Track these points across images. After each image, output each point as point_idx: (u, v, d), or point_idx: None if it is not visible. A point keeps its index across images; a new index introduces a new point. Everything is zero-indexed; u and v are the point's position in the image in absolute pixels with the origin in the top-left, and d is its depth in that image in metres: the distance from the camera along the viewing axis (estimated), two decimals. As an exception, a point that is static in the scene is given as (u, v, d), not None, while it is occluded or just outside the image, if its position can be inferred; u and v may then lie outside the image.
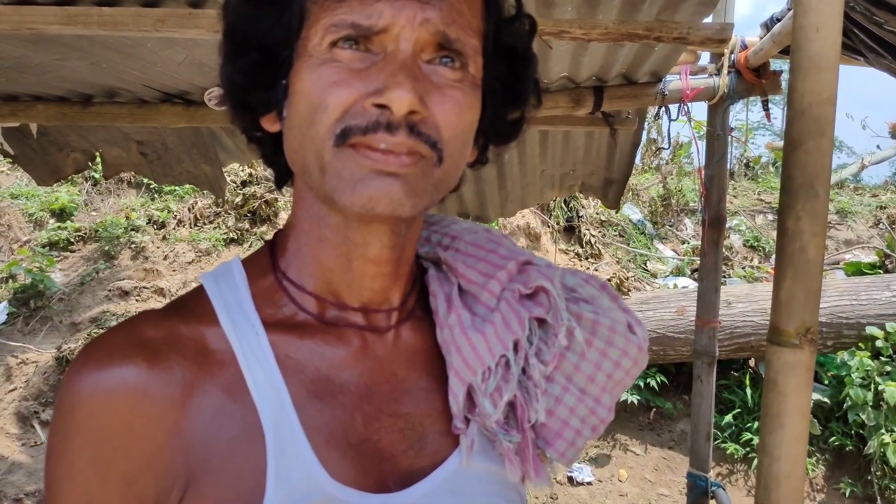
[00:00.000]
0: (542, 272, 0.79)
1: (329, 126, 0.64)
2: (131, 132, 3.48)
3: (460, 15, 0.66)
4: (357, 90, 0.63)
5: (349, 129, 0.63)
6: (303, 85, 0.66)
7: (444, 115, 0.65)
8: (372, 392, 0.74)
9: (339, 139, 0.64)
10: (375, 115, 0.63)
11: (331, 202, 0.67)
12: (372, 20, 0.63)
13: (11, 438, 5.41)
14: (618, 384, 0.79)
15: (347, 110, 0.63)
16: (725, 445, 5.37)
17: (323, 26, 0.64)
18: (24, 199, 7.78)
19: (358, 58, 0.64)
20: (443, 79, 0.66)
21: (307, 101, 0.65)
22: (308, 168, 0.67)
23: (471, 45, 0.67)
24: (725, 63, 2.65)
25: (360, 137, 0.63)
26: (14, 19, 1.67)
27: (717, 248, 2.91)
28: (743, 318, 5.34)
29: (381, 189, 0.63)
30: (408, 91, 0.61)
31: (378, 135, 0.63)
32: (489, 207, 3.97)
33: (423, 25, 0.64)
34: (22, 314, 6.56)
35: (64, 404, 0.65)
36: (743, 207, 8.26)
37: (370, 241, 0.71)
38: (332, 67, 0.64)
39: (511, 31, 0.74)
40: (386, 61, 0.64)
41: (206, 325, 0.70)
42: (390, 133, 0.63)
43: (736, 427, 5.50)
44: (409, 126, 0.63)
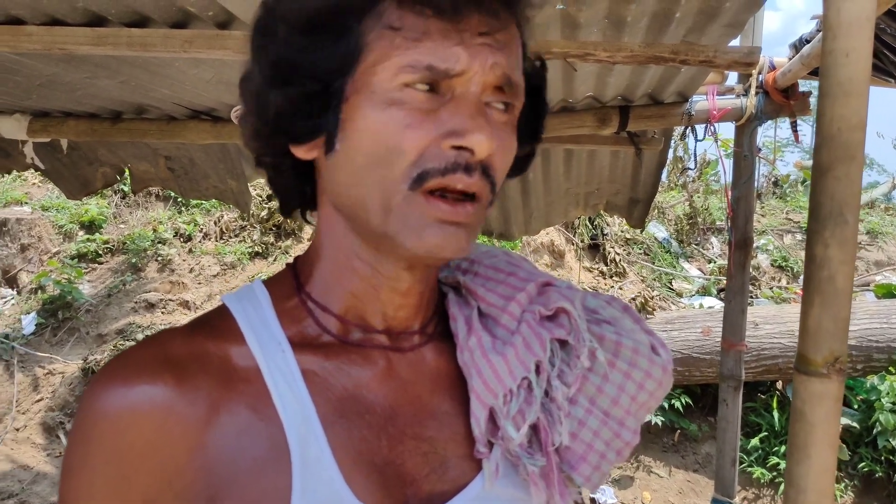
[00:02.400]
0: (563, 293, 0.78)
1: (404, 169, 0.64)
2: (159, 148, 3.53)
3: (517, 59, 0.68)
4: (431, 133, 0.64)
5: (427, 172, 0.64)
6: (367, 123, 0.65)
7: (498, 157, 0.67)
8: (396, 414, 0.73)
9: (416, 183, 0.64)
10: (453, 156, 0.64)
11: (387, 241, 0.67)
12: (449, 64, 0.63)
13: (37, 448, 5.46)
14: (642, 406, 0.78)
15: (423, 153, 0.64)
16: (752, 469, 5.28)
17: (395, 65, 0.63)
18: (55, 211, 7.90)
19: (427, 99, 0.64)
20: (497, 122, 0.67)
21: (376, 141, 0.64)
22: (365, 206, 0.66)
23: (520, 88, 0.69)
24: (753, 84, 2.63)
25: (438, 179, 0.64)
26: (46, 39, 1.70)
27: (744, 269, 2.88)
28: (770, 340, 5.26)
29: (447, 237, 0.65)
30: (489, 136, 0.63)
31: (457, 175, 0.64)
32: (513, 225, 3.96)
33: (492, 69, 0.64)
34: (50, 325, 6.65)
35: (85, 420, 0.64)
36: (771, 227, 8.16)
37: (403, 276, 0.72)
38: (404, 109, 0.63)
39: (538, 72, 0.76)
40: (457, 103, 0.64)
41: (231, 342, 0.70)
42: (468, 174, 0.64)
43: (763, 451, 5.41)
44: (483, 168, 0.65)
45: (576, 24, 1.78)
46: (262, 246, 7.51)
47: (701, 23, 1.79)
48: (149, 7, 1.67)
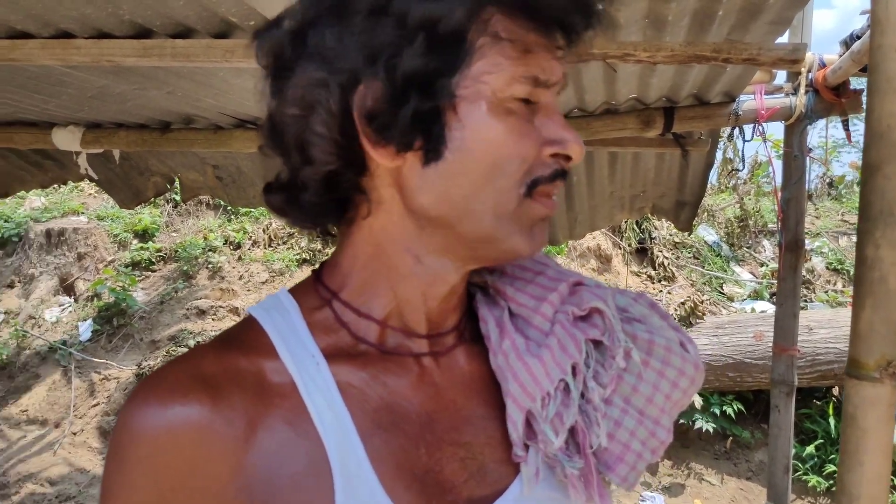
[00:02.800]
0: (595, 293, 0.77)
1: (520, 177, 0.67)
2: (207, 157, 3.59)
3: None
4: (536, 142, 0.67)
5: (538, 179, 0.67)
6: (486, 133, 0.65)
7: None
8: (433, 420, 0.73)
9: (529, 189, 0.67)
10: (555, 164, 0.68)
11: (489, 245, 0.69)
12: (548, 76, 0.66)
13: (93, 452, 5.61)
14: (676, 404, 0.78)
15: (533, 161, 0.67)
16: (807, 478, 5.14)
17: (508, 75, 0.64)
18: (110, 220, 8.12)
19: (526, 108, 0.67)
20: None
21: (492, 151, 0.65)
22: (473, 212, 0.67)
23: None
24: (802, 82, 2.57)
25: (547, 186, 0.68)
26: (94, 52, 1.75)
27: (796, 273, 2.81)
28: (825, 345, 5.12)
29: (544, 233, 0.71)
30: (581, 143, 0.69)
31: (557, 182, 0.69)
32: (557, 230, 3.94)
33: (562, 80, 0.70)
34: (105, 332, 6.82)
35: (122, 441, 0.63)
36: (825, 229, 7.96)
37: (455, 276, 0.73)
38: (516, 119, 0.66)
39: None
40: (546, 112, 0.68)
41: (264, 357, 0.69)
42: (563, 179, 0.70)
43: (818, 458, 5.27)
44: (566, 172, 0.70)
45: (615, 24, 1.76)
46: (310, 252, 7.60)
47: (744, 20, 1.75)
48: (192, 18, 1.70)
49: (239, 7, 1.64)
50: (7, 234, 7.79)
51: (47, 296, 7.30)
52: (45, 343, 6.67)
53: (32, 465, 5.36)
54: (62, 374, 6.38)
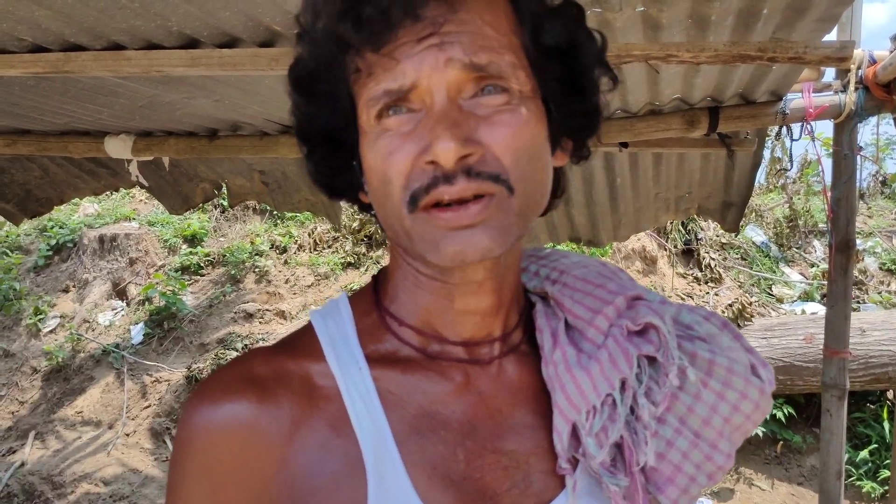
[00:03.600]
0: (653, 308, 0.75)
1: (399, 195, 0.64)
2: (254, 163, 3.65)
3: (485, 38, 0.64)
4: (411, 153, 0.64)
5: (415, 192, 0.63)
6: (367, 162, 0.67)
7: (498, 143, 0.64)
8: (475, 428, 0.73)
9: (411, 205, 0.64)
10: (431, 171, 0.63)
11: (422, 259, 0.69)
12: (399, 82, 0.63)
13: (145, 453, 5.73)
14: (737, 429, 0.75)
15: (408, 175, 0.64)
16: (861, 483, 5.02)
17: (364, 102, 0.65)
18: (160, 226, 8.30)
19: (404, 121, 0.64)
20: (489, 108, 0.64)
21: (375, 175, 0.66)
22: (396, 234, 0.68)
23: (506, 63, 0.65)
24: (852, 79, 2.52)
25: (426, 197, 0.63)
26: (144, 63, 1.80)
27: (846, 273, 2.75)
28: (879, 347, 4.99)
29: (464, 242, 0.63)
30: (448, 140, 0.61)
31: (439, 189, 0.62)
32: (601, 232, 3.91)
33: (448, 66, 0.62)
34: (156, 335, 6.97)
35: (181, 438, 0.69)
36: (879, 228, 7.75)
37: (469, 277, 0.72)
38: (386, 138, 0.65)
39: (550, 30, 0.69)
40: (427, 116, 0.63)
41: (312, 360, 0.72)
42: (450, 184, 0.62)
43: (872, 463, 5.14)
44: (465, 171, 0.62)
45: (658, 25, 1.75)
46: (354, 256, 7.67)
47: (790, 18, 1.72)
48: (238, 28, 1.74)
49: (283, 16, 1.67)
50: (62, 240, 8.01)
51: (101, 300, 7.49)
52: (98, 346, 6.84)
53: (87, 466, 5.50)
54: (115, 377, 6.54)
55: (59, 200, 4.14)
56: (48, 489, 5.22)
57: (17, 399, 6.50)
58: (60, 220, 8.28)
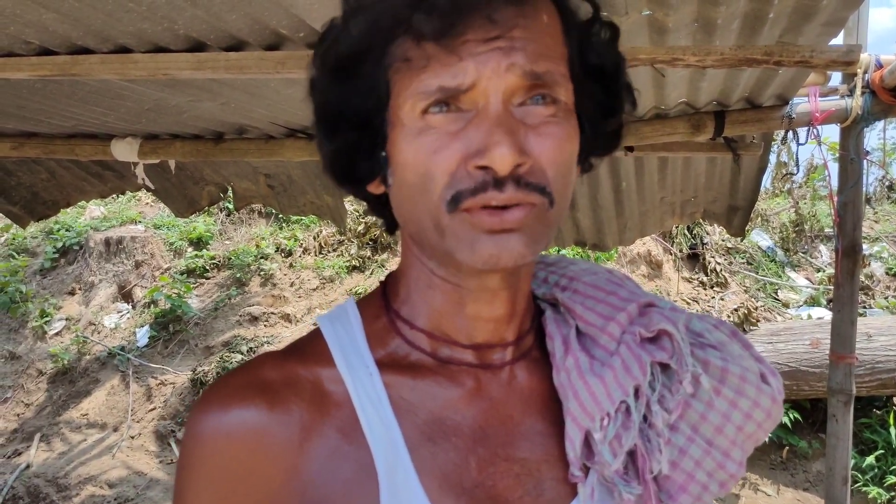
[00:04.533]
0: (665, 315, 0.75)
1: (439, 194, 0.63)
2: (259, 166, 3.66)
3: (545, 47, 0.64)
4: (458, 154, 0.63)
5: (459, 193, 0.62)
6: (404, 156, 0.65)
7: (546, 155, 0.64)
8: (486, 435, 0.73)
9: (452, 205, 0.63)
10: (481, 176, 0.62)
11: (450, 258, 0.67)
12: (458, 80, 0.61)
13: (150, 455, 5.74)
14: (749, 437, 0.75)
15: (453, 175, 0.63)
16: (867, 489, 4.99)
17: (412, 94, 0.63)
18: (166, 229, 8.31)
19: (451, 120, 0.63)
20: (538, 118, 0.64)
21: (412, 171, 0.65)
22: (424, 230, 0.67)
23: (559, 74, 0.65)
24: (858, 84, 2.51)
25: (471, 200, 0.62)
26: (151, 66, 1.80)
27: (853, 278, 2.74)
28: (885, 353, 4.97)
29: (500, 245, 0.63)
30: (508, 147, 0.60)
31: (488, 193, 0.62)
32: (607, 236, 3.90)
33: (509, 71, 0.62)
34: (162, 338, 6.98)
35: (188, 444, 0.68)
36: (885, 233, 7.72)
37: (485, 284, 0.71)
38: (430, 135, 0.63)
39: (595, 47, 0.71)
40: (479, 118, 0.62)
41: (322, 366, 0.72)
42: (499, 190, 0.62)
43: (879, 469, 5.11)
44: (515, 179, 0.62)
45: (664, 29, 1.75)
46: (360, 260, 7.67)
47: (797, 22, 1.72)
48: (244, 32, 1.74)
49: (290, 20, 1.67)
50: (69, 242, 8.03)
51: (106, 302, 7.50)
52: (104, 349, 6.86)
53: (92, 468, 5.51)
54: (121, 379, 6.55)
55: (65, 203, 4.15)
56: (53, 491, 5.22)
57: (23, 401, 6.52)
58: (67, 222, 8.30)
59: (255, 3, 1.57)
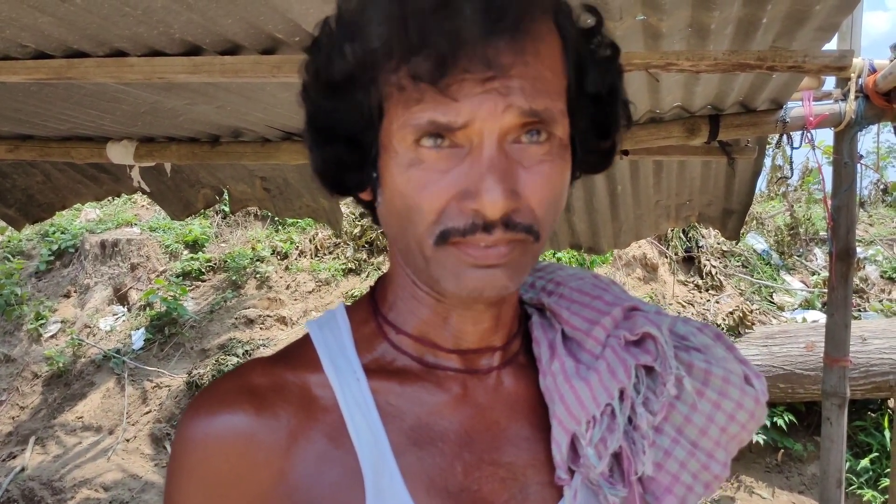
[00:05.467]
0: (650, 318, 0.76)
1: (426, 228, 0.63)
2: (255, 169, 3.66)
3: (545, 82, 0.62)
4: (448, 192, 0.62)
5: (447, 231, 0.62)
6: (394, 183, 0.64)
7: (536, 194, 0.63)
8: (472, 440, 0.73)
9: (440, 239, 0.63)
10: (471, 217, 0.61)
11: (434, 284, 0.67)
12: (449, 118, 0.60)
13: (146, 459, 5.73)
14: (733, 438, 0.76)
15: (442, 212, 0.62)
16: (862, 492, 5.01)
17: (402, 124, 0.62)
18: (162, 231, 8.30)
19: (444, 156, 0.62)
20: (531, 157, 0.63)
21: (401, 200, 0.64)
22: (410, 253, 0.67)
23: (558, 110, 0.64)
24: (852, 88, 2.52)
25: (459, 238, 0.62)
26: (146, 70, 1.80)
27: (847, 282, 2.75)
28: (880, 356, 4.99)
29: (484, 279, 0.64)
30: (499, 195, 0.60)
31: (477, 236, 0.62)
32: (602, 239, 3.91)
33: (506, 112, 0.60)
34: (157, 340, 6.97)
35: (178, 449, 0.69)
36: (879, 236, 7.75)
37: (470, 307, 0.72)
38: (420, 170, 0.62)
39: (596, 75, 0.69)
40: (472, 158, 0.61)
41: (310, 371, 0.73)
42: (488, 233, 0.62)
43: (873, 472, 5.13)
44: (504, 222, 0.62)
45: (658, 34, 1.76)
46: (356, 262, 7.67)
47: (790, 27, 1.73)
48: (240, 35, 1.75)
49: (285, 24, 1.68)
50: (64, 245, 8.02)
51: (102, 305, 7.49)
52: (99, 351, 6.85)
53: (87, 471, 5.50)
54: (116, 382, 6.54)
55: (60, 206, 4.15)
56: (48, 494, 5.21)
57: (18, 404, 6.50)
58: (62, 225, 8.29)
59: (250, 7, 1.57)
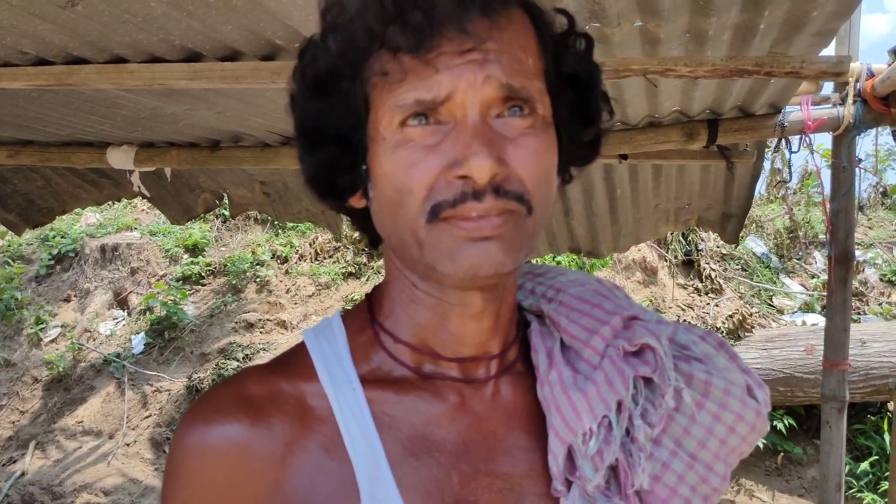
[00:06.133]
0: (649, 328, 0.75)
1: (418, 206, 0.64)
2: (255, 173, 3.67)
3: (520, 63, 0.65)
4: (436, 166, 0.63)
5: (438, 205, 0.63)
6: (383, 169, 0.66)
7: (524, 165, 0.65)
8: (469, 450, 0.73)
9: (431, 216, 0.64)
10: (460, 186, 0.63)
11: (431, 271, 0.67)
12: (433, 92, 0.62)
13: (146, 463, 5.73)
14: (733, 451, 0.75)
15: (432, 187, 0.63)
16: (862, 495, 5.00)
17: (389, 108, 0.64)
18: (162, 235, 8.31)
19: (429, 132, 0.64)
20: (515, 129, 0.65)
21: (391, 184, 0.65)
22: (404, 243, 0.68)
23: (535, 89, 0.66)
24: (850, 92, 2.53)
25: (450, 210, 0.63)
26: (147, 76, 1.81)
27: (846, 285, 2.75)
28: (879, 359, 4.99)
29: (479, 254, 0.64)
30: (486, 157, 0.61)
31: (468, 204, 0.62)
32: (601, 243, 3.92)
33: (486, 83, 0.62)
34: (157, 345, 6.97)
35: (173, 459, 0.69)
36: (879, 239, 7.75)
37: (469, 300, 0.72)
38: (408, 148, 0.64)
39: (570, 58, 0.72)
40: (457, 130, 0.63)
41: (306, 381, 0.72)
42: (478, 200, 0.62)
43: (873, 475, 5.12)
44: (494, 189, 0.63)
45: (656, 40, 1.76)
46: (356, 266, 7.67)
47: (788, 33, 1.74)
48: (240, 42, 1.75)
49: (285, 30, 1.69)
50: (64, 249, 8.02)
51: (102, 309, 7.49)
52: (99, 356, 6.85)
53: (88, 476, 5.49)
54: (116, 387, 6.54)
55: (61, 210, 4.16)
56: (48, 499, 5.21)
57: (18, 409, 6.50)
58: (62, 229, 8.30)
59: (250, 14, 1.58)
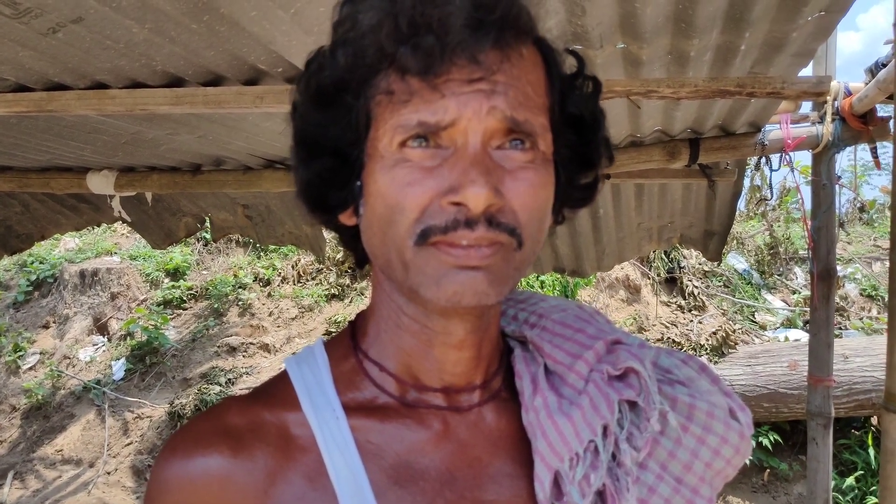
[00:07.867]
0: (632, 352, 0.75)
1: (408, 227, 0.63)
2: (237, 197, 3.65)
3: (526, 97, 0.64)
4: (431, 189, 0.63)
5: (429, 229, 0.62)
6: (377, 186, 0.65)
7: (519, 198, 0.64)
8: (454, 477, 0.72)
9: (420, 239, 0.63)
10: (453, 213, 0.62)
11: (415, 295, 0.66)
12: (438, 116, 0.62)
13: (127, 491, 5.63)
14: (718, 474, 0.75)
15: (424, 210, 0.63)
16: (848, 510, 5.02)
17: (391, 127, 0.63)
18: (142, 260, 8.24)
19: (428, 155, 0.63)
20: (515, 162, 0.64)
21: (383, 202, 0.65)
22: (390, 263, 0.67)
23: (539, 124, 0.65)
24: (829, 111, 2.56)
25: (440, 236, 0.62)
26: (128, 101, 1.80)
27: (829, 302, 2.77)
28: (862, 374, 5.02)
29: (464, 283, 0.63)
30: (482, 187, 0.61)
31: (458, 232, 0.62)
32: (585, 262, 3.93)
33: (490, 114, 0.62)
34: (138, 370, 6.89)
35: (153, 491, 0.68)
36: (858, 254, 7.84)
37: (452, 329, 0.71)
38: (405, 168, 0.63)
39: (576, 99, 0.72)
40: (457, 157, 0.63)
41: (288, 410, 0.72)
42: (470, 229, 0.62)
43: (859, 490, 5.14)
44: (487, 219, 0.62)
45: (638, 61, 1.78)
46: (339, 288, 7.64)
47: (768, 54, 1.76)
48: (223, 67, 1.75)
49: (268, 55, 1.68)
50: (43, 275, 7.93)
51: (81, 335, 7.40)
52: (79, 383, 6.75)
53: (67, 505, 5.40)
54: (96, 414, 6.44)
55: (40, 236, 4.11)
56: (27, 530, 5.11)
57: (-4, 438, 6.39)
58: (41, 255, 8.21)
59: (233, 39, 1.58)
